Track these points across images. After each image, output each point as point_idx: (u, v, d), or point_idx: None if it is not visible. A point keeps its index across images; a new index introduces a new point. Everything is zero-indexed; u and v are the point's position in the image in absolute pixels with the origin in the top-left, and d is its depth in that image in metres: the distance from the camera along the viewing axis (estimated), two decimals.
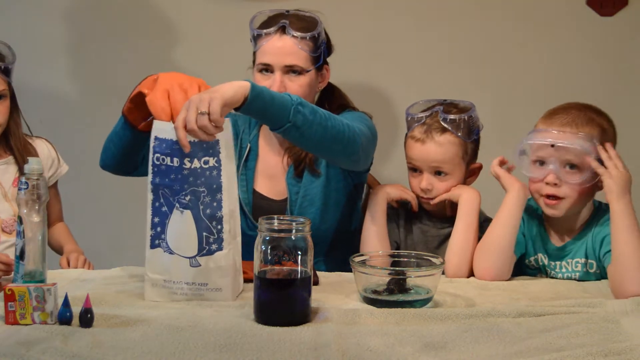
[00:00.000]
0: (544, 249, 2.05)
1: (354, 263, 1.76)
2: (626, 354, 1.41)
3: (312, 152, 2.11)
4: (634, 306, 1.70)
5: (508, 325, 1.58)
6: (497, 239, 1.99)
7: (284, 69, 2.17)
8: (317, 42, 2.20)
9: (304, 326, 1.57)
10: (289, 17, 2.19)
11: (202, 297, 1.74)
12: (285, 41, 2.17)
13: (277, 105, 1.81)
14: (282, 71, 2.17)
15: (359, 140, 1.98)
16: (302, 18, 2.21)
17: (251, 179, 2.28)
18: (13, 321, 1.54)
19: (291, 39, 2.17)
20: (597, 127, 1.94)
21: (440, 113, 2.15)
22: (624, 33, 2.90)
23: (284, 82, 2.17)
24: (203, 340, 1.47)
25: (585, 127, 1.93)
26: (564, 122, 1.94)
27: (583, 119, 1.95)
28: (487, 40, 2.93)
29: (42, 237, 1.69)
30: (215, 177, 1.71)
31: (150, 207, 1.74)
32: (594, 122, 1.95)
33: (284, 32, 2.17)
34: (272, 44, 2.17)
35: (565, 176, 1.93)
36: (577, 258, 1.99)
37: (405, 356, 1.42)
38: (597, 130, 1.94)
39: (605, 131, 1.95)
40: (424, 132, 2.15)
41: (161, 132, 1.72)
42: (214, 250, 1.73)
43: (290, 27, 2.17)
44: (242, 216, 2.18)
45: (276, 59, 2.17)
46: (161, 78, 1.79)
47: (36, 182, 1.68)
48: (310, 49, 2.19)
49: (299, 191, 2.24)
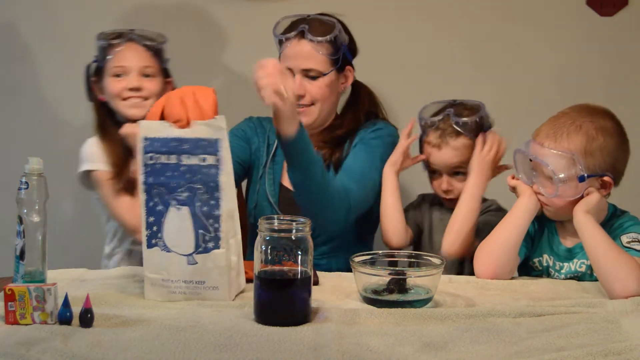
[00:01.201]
0: (551, 250, 2.05)
1: (354, 263, 1.77)
2: (626, 354, 1.41)
3: (302, 195, 2.18)
4: (634, 306, 1.70)
5: (508, 325, 1.58)
6: (502, 239, 1.99)
7: (302, 72, 2.29)
8: (335, 44, 2.31)
9: (304, 326, 1.57)
10: (309, 21, 2.30)
11: (199, 295, 1.74)
12: (303, 46, 2.29)
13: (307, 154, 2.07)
14: (301, 74, 2.29)
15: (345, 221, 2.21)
16: (321, 22, 2.32)
17: (278, 173, 2.39)
18: (13, 321, 1.54)
19: (309, 43, 2.29)
20: (582, 138, 1.91)
21: (452, 116, 2.23)
22: (624, 33, 2.90)
23: (304, 84, 2.30)
24: (203, 340, 1.47)
25: (564, 141, 1.92)
26: (549, 133, 1.95)
27: (570, 129, 1.93)
28: (486, 40, 2.93)
29: (42, 237, 1.69)
30: (214, 175, 1.72)
31: (144, 207, 1.74)
32: (581, 132, 1.92)
33: (302, 37, 2.30)
34: (291, 48, 2.31)
35: (545, 186, 1.96)
36: (583, 260, 1.99)
37: (405, 356, 1.42)
38: (578, 144, 1.91)
39: (592, 141, 1.91)
40: (439, 137, 2.24)
41: (150, 131, 1.73)
42: (210, 248, 1.73)
43: (309, 32, 2.28)
44: (269, 207, 2.33)
45: (294, 63, 2.30)
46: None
47: (36, 182, 1.68)
48: (328, 52, 2.30)
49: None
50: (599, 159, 1.92)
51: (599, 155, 1.92)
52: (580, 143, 1.92)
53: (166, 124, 1.73)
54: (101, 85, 2.39)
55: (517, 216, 2.00)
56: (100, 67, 2.38)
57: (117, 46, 2.36)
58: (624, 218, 1.99)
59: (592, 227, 1.87)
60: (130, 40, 2.36)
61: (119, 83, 2.34)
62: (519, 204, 2.01)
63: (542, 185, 1.97)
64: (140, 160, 1.73)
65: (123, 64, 2.34)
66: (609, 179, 1.93)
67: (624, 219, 1.99)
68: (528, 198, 2.00)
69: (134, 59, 2.35)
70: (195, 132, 1.72)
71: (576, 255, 2.01)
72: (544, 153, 1.94)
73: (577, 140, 1.92)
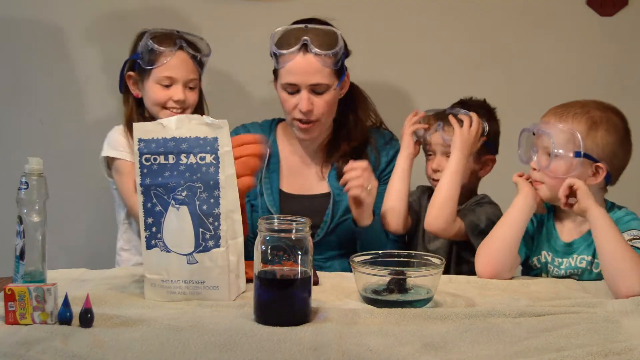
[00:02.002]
0: (549, 246, 2.06)
1: (354, 263, 1.77)
2: (626, 354, 1.41)
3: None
4: (634, 306, 1.70)
5: (508, 325, 1.58)
6: (501, 237, 2.00)
7: (309, 87, 2.23)
8: (337, 55, 2.26)
9: (304, 326, 1.57)
10: (309, 32, 2.23)
11: (199, 295, 1.74)
12: (309, 60, 2.22)
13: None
14: (308, 89, 2.24)
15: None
16: (324, 33, 2.25)
17: (275, 180, 2.35)
18: (13, 321, 1.54)
19: (314, 57, 2.22)
20: (587, 121, 1.95)
21: (441, 133, 2.28)
22: (624, 33, 2.90)
23: (311, 99, 2.25)
24: (203, 340, 1.47)
25: (569, 120, 1.96)
26: (557, 111, 1.99)
27: (577, 111, 1.97)
28: (486, 40, 2.93)
29: (42, 237, 1.69)
30: (212, 173, 1.73)
31: (142, 208, 1.74)
32: (587, 116, 1.96)
33: (306, 51, 2.22)
34: (296, 63, 2.23)
35: (541, 161, 1.99)
36: (584, 255, 2.00)
37: (405, 356, 1.42)
38: (582, 126, 1.95)
39: (596, 126, 1.94)
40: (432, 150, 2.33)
41: (145, 133, 1.73)
42: (210, 247, 1.73)
43: (312, 45, 2.21)
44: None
45: (302, 79, 2.23)
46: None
47: (36, 182, 1.68)
48: (332, 63, 2.25)
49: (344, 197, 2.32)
50: (598, 145, 1.95)
51: (600, 142, 1.95)
52: (585, 125, 1.95)
53: (159, 125, 1.74)
54: (140, 83, 2.38)
55: (514, 214, 2.01)
56: (141, 66, 2.36)
57: (167, 55, 2.34)
58: (621, 212, 2.01)
59: (605, 221, 1.86)
60: (180, 48, 2.36)
61: (164, 92, 2.34)
62: (516, 202, 2.02)
63: (539, 160, 1.99)
64: (136, 162, 1.74)
65: (172, 75, 2.34)
66: (603, 167, 1.95)
67: (621, 213, 2.00)
68: (525, 195, 2.01)
69: (182, 71, 2.35)
70: (193, 131, 1.73)
71: (575, 251, 2.02)
72: (548, 127, 1.97)
73: (582, 121, 1.96)
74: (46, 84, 2.96)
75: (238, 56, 2.85)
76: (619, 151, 1.98)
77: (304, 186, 2.37)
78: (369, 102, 2.46)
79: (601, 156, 1.96)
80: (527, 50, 2.93)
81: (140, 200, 1.74)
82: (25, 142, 2.96)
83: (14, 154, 2.85)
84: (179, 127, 1.73)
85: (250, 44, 2.79)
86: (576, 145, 1.94)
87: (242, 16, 2.88)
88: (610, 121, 1.97)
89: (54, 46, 2.95)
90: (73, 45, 2.91)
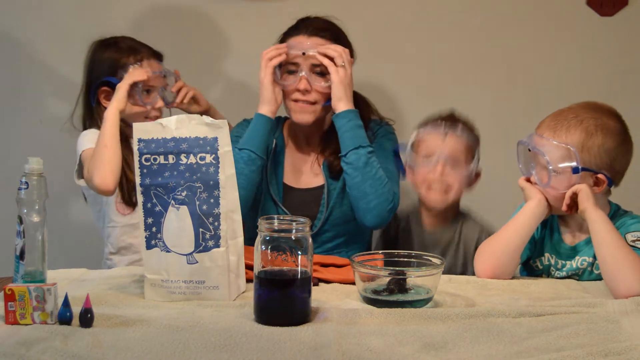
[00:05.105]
0: (553, 248, 2.05)
1: (354, 263, 1.77)
2: (626, 354, 1.41)
3: (357, 171, 2.26)
4: (633, 306, 1.71)
5: (508, 325, 1.58)
6: (505, 241, 1.99)
7: (311, 67, 2.29)
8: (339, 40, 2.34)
9: (304, 326, 1.57)
10: (312, 20, 2.35)
11: (199, 295, 1.74)
12: (314, 40, 2.30)
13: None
14: (309, 69, 2.29)
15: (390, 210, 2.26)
16: (324, 20, 2.36)
17: (280, 173, 2.41)
18: (13, 321, 1.54)
19: (320, 39, 2.31)
20: (581, 133, 1.92)
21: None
22: (624, 33, 2.90)
23: (311, 79, 2.30)
24: (203, 340, 1.47)
25: (563, 134, 1.93)
26: (551, 124, 1.96)
27: (571, 123, 1.94)
28: (486, 40, 2.93)
29: (42, 237, 1.69)
30: (212, 173, 1.73)
31: (142, 209, 1.74)
32: (580, 127, 1.92)
33: (313, 34, 2.31)
34: (299, 39, 2.31)
35: (540, 176, 1.97)
36: (585, 256, 1.99)
37: (405, 356, 1.42)
38: (576, 139, 1.92)
39: (591, 137, 1.92)
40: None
41: (144, 133, 1.74)
42: (210, 247, 1.73)
43: (316, 29, 2.31)
44: (274, 208, 2.36)
45: (303, 59, 2.29)
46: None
47: (36, 182, 1.68)
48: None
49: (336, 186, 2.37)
50: (595, 156, 1.92)
51: (596, 152, 1.92)
52: (579, 138, 1.92)
53: (159, 125, 1.74)
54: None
55: (523, 221, 1.98)
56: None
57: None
58: (626, 217, 2.00)
59: (603, 222, 1.87)
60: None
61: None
62: (527, 208, 1.99)
63: (538, 175, 1.97)
64: (136, 162, 1.74)
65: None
66: (603, 177, 1.93)
67: (626, 217, 1.99)
68: (537, 203, 1.98)
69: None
70: (193, 131, 1.73)
71: (578, 253, 2.01)
72: (542, 144, 1.95)
73: (576, 134, 1.93)
74: (46, 84, 2.96)
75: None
76: (618, 155, 1.95)
77: (303, 180, 2.42)
78: (369, 104, 2.48)
79: (600, 166, 1.93)
80: (527, 50, 2.93)
81: (140, 200, 1.74)
82: (25, 142, 2.96)
83: (14, 154, 2.86)
84: (178, 127, 1.74)
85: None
86: (573, 161, 1.91)
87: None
88: (604, 128, 1.93)
89: (54, 46, 2.95)
90: (73, 45, 2.91)
